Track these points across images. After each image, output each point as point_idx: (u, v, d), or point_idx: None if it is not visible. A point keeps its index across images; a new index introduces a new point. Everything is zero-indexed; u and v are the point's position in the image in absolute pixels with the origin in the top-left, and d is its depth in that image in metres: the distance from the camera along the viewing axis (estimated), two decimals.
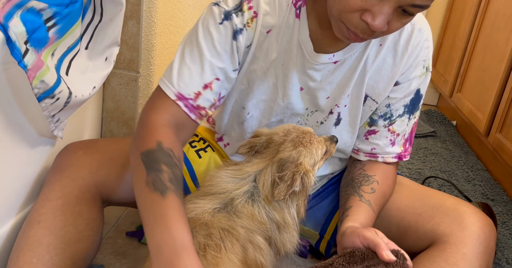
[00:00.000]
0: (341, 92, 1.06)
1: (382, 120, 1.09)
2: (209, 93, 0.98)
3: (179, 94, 0.95)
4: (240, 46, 0.99)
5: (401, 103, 1.07)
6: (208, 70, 0.97)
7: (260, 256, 0.88)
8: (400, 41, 1.01)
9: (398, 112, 1.08)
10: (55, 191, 0.98)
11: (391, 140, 1.10)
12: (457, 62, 2.33)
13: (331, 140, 1.03)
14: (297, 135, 0.96)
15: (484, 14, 2.13)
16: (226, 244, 0.83)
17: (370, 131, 1.10)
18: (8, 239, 1.03)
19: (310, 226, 1.20)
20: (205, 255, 0.81)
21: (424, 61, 1.05)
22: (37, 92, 0.90)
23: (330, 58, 1.02)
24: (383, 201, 1.05)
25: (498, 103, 1.81)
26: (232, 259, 0.83)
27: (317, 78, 1.04)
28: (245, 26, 0.99)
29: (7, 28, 0.80)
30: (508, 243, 1.42)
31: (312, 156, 0.94)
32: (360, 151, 1.12)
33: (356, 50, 1.01)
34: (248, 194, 0.91)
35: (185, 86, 0.96)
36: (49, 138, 1.12)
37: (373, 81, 1.05)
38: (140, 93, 1.38)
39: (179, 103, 0.95)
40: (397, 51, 1.02)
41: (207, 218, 0.86)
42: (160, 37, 1.41)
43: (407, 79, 1.05)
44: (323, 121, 1.10)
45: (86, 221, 0.97)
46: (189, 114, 0.97)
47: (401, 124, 1.09)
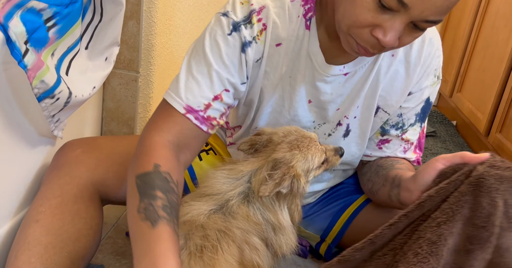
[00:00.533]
0: (351, 103, 1.04)
1: (394, 130, 1.08)
2: (218, 104, 0.95)
3: (188, 107, 0.92)
4: (249, 59, 0.96)
5: (413, 113, 1.07)
6: (216, 81, 0.94)
7: (257, 257, 0.88)
8: (412, 52, 1.00)
9: (410, 122, 1.08)
10: (53, 189, 0.97)
11: (405, 148, 1.10)
12: (457, 62, 2.33)
13: (336, 151, 1.00)
14: (296, 137, 0.94)
15: (484, 14, 2.13)
16: (222, 245, 0.83)
17: (383, 140, 1.10)
18: (7, 239, 1.03)
19: (311, 230, 1.20)
20: (202, 256, 0.81)
21: (436, 70, 1.05)
22: (37, 92, 0.90)
23: (340, 70, 1.00)
24: None
25: (498, 103, 1.81)
26: (229, 260, 0.83)
27: (327, 90, 1.02)
28: (254, 39, 0.96)
29: (7, 28, 0.80)
30: None
31: (307, 161, 0.92)
32: (373, 156, 1.12)
33: (366, 62, 1.00)
34: (242, 195, 0.91)
35: (194, 98, 0.92)
36: (49, 138, 1.12)
37: (385, 93, 1.03)
38: (140, 93, 1.38)
39: (189, 117, 0.92)
40: (410, 63, 1.01)
41: (202, 220, 0.86)
42: (160, 37, 1.41)
43: (419, 89, 1.05)
44: (331, 133, 1.09)
45: (85, 219, 0.96)
46: (201, 126, 0.93)
47: (414, 133, 1.09)
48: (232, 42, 0.94)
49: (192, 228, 0.85)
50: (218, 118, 0.96)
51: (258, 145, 0.98)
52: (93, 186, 1.01)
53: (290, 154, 0.92)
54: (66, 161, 1.03)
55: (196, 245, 0.82)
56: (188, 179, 1.17)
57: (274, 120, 1.07)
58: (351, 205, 1.16)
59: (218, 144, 1.26)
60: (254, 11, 0.95)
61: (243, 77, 0.97)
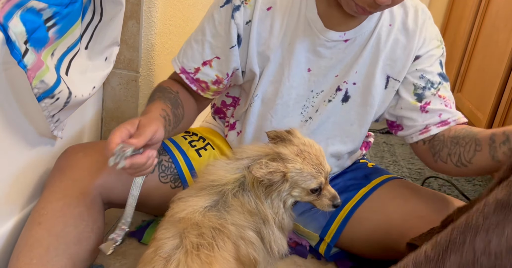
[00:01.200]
0: (349, 69, 1.10)
1: (427, 90, 1.10)
2: (208, 70, 1.12)
3: (182, 68, 1.13)
4: (238, 23, 1.07)
5: (434, 72, 1.11)
6: (207, 49, 1.10)
7: (253, 251, 0.88)
8: (409, 21, 1.09)
9: (437, 80, 1.11)
10: (56, 193, 0.98)
11: (447, 105, 1.10)
12: (457, 62, 2.33)
13: (334, 199, 0.94)
14: (310, 153, 0.91)
15: (484, 14, 2.13)
16: (218, 243, 0.84)
17: (424, 104, 1.10)
18: (8, 239, 1.03)
19: (310, 228, 1.20)
20: (199, 254, 0.81)
21: (436, 35, 1.12)
22: (37, 92, 0.90)
23: (341, 36, 1.07)
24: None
25: (498, 103, 1.81)
26: (225, 256, 0.84)
27: (328, 55, 1.08)
28: (242, 3, 1.07)
29: (7, 28, 0.80)
30: None
31: (300, 174, 0.89)
32: (429, 126, 1.09)
33: (366, 30, 1.08)
34: (239, 182, 0.90)
35: (187, 62, 1.12)
36: (49, 138, 1.12)
37: (391, 61, 1.10)
38: (140, 93, 1.38)
39: (182, 76, 1.13)
40: (408, 30, 1.09)
41: (198, 218, 0.86)
42: (160, 37, 1.41)
43: (427, 51, 1.10)
44: (331, 99, 1.12)
45: (86, 222, 0.97)
46: (190, 85, 1.13)
47: (446, 91, 1.11)
48: (224, 12, 1.08)
49: (188, 226, 0.85)
50: (209, 83, 1.13)
51: (279, 139, 0.97)
52: (95, 189, 1.02)
53: (293, 156, 0.90)
54: (68, 164, 1.03)
55: (192, 243, 0.82)
56: (189, 176, 1.17)
57: (275, 90, 1.12)
58: (348, 202, 1.17)
59: (216, 137, 1.28)
60: None
61: (233, 41, 1.08)
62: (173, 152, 1.18)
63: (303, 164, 0.90)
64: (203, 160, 1.20)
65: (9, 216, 1.04)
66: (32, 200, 1.11)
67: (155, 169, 1.14)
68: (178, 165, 1.17)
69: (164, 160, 1.16)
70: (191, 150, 1.21)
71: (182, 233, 0.84)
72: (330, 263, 1.23)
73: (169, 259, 0.81)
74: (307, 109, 1.14)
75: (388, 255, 1.13)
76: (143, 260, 0.86)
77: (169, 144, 1.20)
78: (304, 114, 1.15)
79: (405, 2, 1.10)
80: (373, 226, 1.11)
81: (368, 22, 1.07)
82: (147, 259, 0.84)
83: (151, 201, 1.15)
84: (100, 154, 1.07)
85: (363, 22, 1.07)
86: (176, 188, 1.16)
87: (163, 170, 1.15)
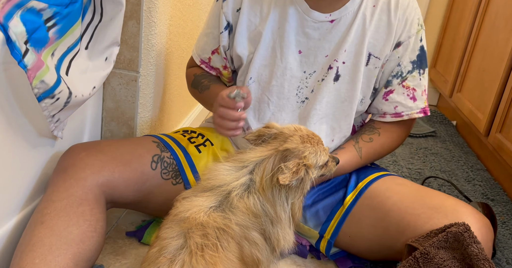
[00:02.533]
0: (338, 48, 1.15)
1: (395, 79, 1.18)
2: (217, 57, 1.26)
3: (201, 60, 1.30)
4: (227, 10, 1.18)
5: (407, 60, 1.17)
6: (211, 39, 1.25)
7: (256, 251, 0.89)
8: (391, 2, 1.15)
9: (408, 69, 1.17)
10: (59, 192, 0.98)
11: (409, 95, 1.18)
12: (457, 62, 2.33)
13: (333, 158, 1.04)
14: (307, 133, 0.97)
15: (484, 14, 2.13)
16: (222, 243, 0.84)
17: (387, 92, 1.19)
18: (10, 239, 1.03)
19: (310, 225, 1.21)
20: (203, 255, 0.81)
21: (418, 20, 1.17)
22: (37, 92, 0.90)
23: (326, 17, 1.14)
24: (379, 150, 1.20)
25: (498, 103, 1.81)
26: (230, 257, 0.84)
27: (316, 36, 1.15)
28: None
29: (7, 28, 0.80)
30: (508, 243, 1.42)
31: (316, 156, 0.95)
32: (386, 113, 1.21)
33: (350, 10, 1.14)
34: (245, 186, 0.91)
35: (202, 53, 1.29)
36: (49, 138, 1.12)
37: (373, 40, 1.15)
38: (140, 93, 1.38)
39: (202, 66, 1.30)
40: (390, 11, 1.15)
41: (202, 218, 0.86)
42: (160, 37, 1.41)
43: (408, 37, 1.16)
44: (324, 78, 1.17)
45: (89, 221, 0.97)
46: (210, 71, 1.31)
47: (413, 79, 1.18)
48: (219, 4, 1.20)
49: (192, 226, 0.85)
50: (221, 69, 1.29)
51: (265, 137, 0.99)
52: (98, 188, 1.02)
53: (303, 145, 0.94)
54: (71, 163, 1.04)
55: (197, 244, 0.82)
56: (189, 172, 1.17)
57: (269, 72, 1.19)
58: (347, 197, 1.17)
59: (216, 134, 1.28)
60: None
61: (221, 27, 1.20)
62: (174, 148, 1.19)
63: (313, 145, 0.95)
64: (202, 155, 1.21)
65: (10, 215, 1.04)
66: (32, 200, 1.11)
67: (158, 166, 1.15)
68: (179, 161, 1.17)
69: (166, 156, 1.17)
70: (190, 145, 1.22)
71: (187, 233, 0.84)
72: (330, 263, 1.23)
73: (173, 259, 0.81)
74: (301, 90, 1.19)
75: (386, 255, 1.13)
76: (147, 259, 0.86)
77: (169, 141, 1.20)
78: (299, 96, 1.19)
79: None
80: (372, 223, 1.11)
81: (352, 3, 1.13)
82: (151, 259, 0.84)
83: (153, 198, 1.15)
84: (102, 153, 1.07)
85: (347, 3, 1.13)
86: (177, 184, 1.16)
87: (165, 166, 1.16)
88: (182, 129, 1.31)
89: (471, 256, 0.90)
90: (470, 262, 0.91)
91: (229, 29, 1.21)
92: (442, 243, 0.94)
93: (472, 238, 0.93)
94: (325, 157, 0.98)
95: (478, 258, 0.89)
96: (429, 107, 1.22)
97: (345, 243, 1.19)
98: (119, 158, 1.08)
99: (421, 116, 1.20)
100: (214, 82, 1.27)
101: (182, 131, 1.29)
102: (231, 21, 1.20)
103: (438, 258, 0.92)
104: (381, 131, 1.21)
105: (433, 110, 2.57)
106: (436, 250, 0.93)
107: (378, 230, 1.10)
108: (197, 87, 1.30)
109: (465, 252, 0.92)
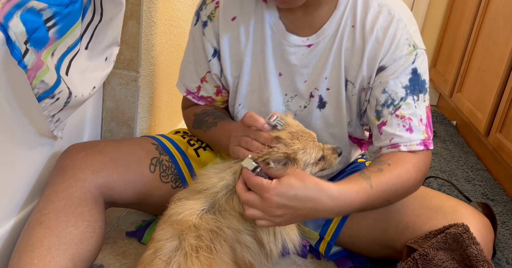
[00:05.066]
0: (318, 75, 1.07)
1: (386, 108, 1.02)
2: (206, 85, 1.18)
3: (187, 90, 1.21)
4: (209, 38, 1.12)
5: (398, 85, 1.01)
6: (198, 67, 1.16)
7: (248, 255, 0.88)
8: (366, 22, 1.01)
9: (400, 95, 1.01)
10: (58, 192, 0.98)
11: (404, 126, 1.01)
12: (457, 62, 2.33)
13: (334, 150, 0.99)
14: (297, 131, 0.93)
15: (484, 14, 2.13)
16: (216, 245, 0.84)
17: (380, 124, 1.03)
18: (8, 239, 1.03)
19: (310, 227, 1.20)
20: (198, 256, 0.81)
21: (407, 40, 1.01)
22: (37, 92, 0.90)
23: (303, 41, 1.05)
24: (395, 182, 0.95)
25: (498, 103, 1.81)
26: (224, 259, 0.84)
27: (293, 61, 1.07)
28: (209, 17, 1.11)
29: (7, 28, 0.80)
30: (508, 243, 1.42)
31: (305, 153, 0.91)
32: (381, 148, 1.04)
33: (328, 33, 1.04)
34: (229, 187, 0.90)
35: (189, 83, 1.20)
36: (49, 138, 1.12)
37: (348, 63, 1.05)
38: (140, 93, 1.38)
39: (189, 97, 1.21)
40: (365, 32, 1.02)
41: (195, 220, 0.86)
42: (160, 37, 1.41)
43: (393, 60, 1.01)
44: (306, 105, 1.11)
45: (88, 222, 0.97)
46: (198, 102, 1.21)
47: (408, 107, 1.01)
48: (198, 29, 1.13)
49: (185, 228, 0.85)
50: (213, 97, 1.20)
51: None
52: (97, 189, 1.02)
53: (292, 141, 0.90)
54: (70, 164, 1.03)
55: (191, 246, 0.82)
56: (188, 176, 1.17)
57: (257, 98, 1.13)
58: None
59: None
60: None
61: (209, 55, 1.13)
62: (172, 152, 1.18)
63: (301, 143, 0.91)
64: (202, 159, 1.20)
65: (9, 216, 1.04)
66: (32, 200, 1.11)
67: (156, 169, 1.14)
68: (178, 165, 1.17)
69: (164, 159, 1.16)
70: (190, 148, 1.21)
71: (181, 234, 0.84)
72: (330, 263, 1.23)
73: (169, 261, 0.81)
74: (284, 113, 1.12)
75: (386, 253, 1.13)
76: (142, 262, 0.86)
77: (168, 144, 1.20)
78: None
79: (370, 0, 1.02)
80: (371, 224, 1.11)
81: (329, 25, 1.03)
82: (146, 261, 0.84)
83: (153, 200, 1.15)
84: (101, 153, 1.07)
85: (324, 25, 1.03)
86: (177, 188, 1.16)
87: (164, 169, 1.15)
88: (183, 130, 1.30)
89: (470, 257, 0.90)
90: (469, 263, 0.91)
91: (217, 55, 1.14)
92: (441, 244, 0.94)
93: (471, 239, 0.93)
94: (317, 153, 0.93)
95: (478, 260, 0.89)
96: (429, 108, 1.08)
97: (345, 243, 1.19)
98: (118, 159, 1.08)
99: (422, 149, 1.01)
100: (220, 118, 1.15)
101: (183, 133, 1.28)
102: (217, 47, 1.12)
103: (437, 259, 0.92)
104: (391, 162, 0.98)
105: (433, 110, 2.57)
106: (435, 251, 0.93)
107: (378, 231, 1.10)
108: (200, 127, 1.17)
109: (464, 253, 0.92)
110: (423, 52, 1.03)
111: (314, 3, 1.01)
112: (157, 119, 1.55)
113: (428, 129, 1.03)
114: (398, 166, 0.97)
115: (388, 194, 0.95)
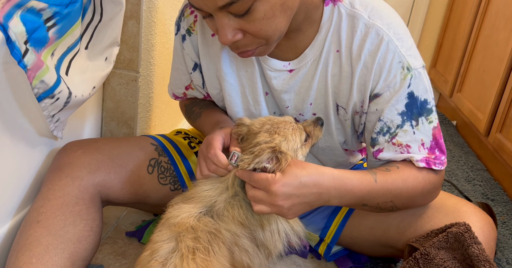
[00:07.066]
0: (302, 101, 1.03)
1: (381, 136, 0.97)
2: (192, 92, 1.21)
3: (174, 95, 1.25)
4: (189, 52, 1.11)
5: (394, 113, 0.95)
6: (182, 75, 1.18)
7: (247, 258, 0.88)
8: (353, 46, 0.94)
9: (396, 123, 0.95)
10: (55, 191, 0.98)
11: (402, 153, 0.96)
12: (457, 62, 2.33)
13: (315, 123, 0.98)
14: (271, 125, 0.93)
15: (484, 14, 2.13)
16: (213, 247, 0.84)
17: (376, 151, 0.99)
18: (7, 239, 1.03)
19: (310, 230, 1.20)
20: (195, 258, 0.81)
21: (400, 63, 0.93)
22: (37, 92, 0.90)
23: (285, 66, 1.00)
24: (400, 185, 0.93)
25: (498, 103, 1.81)
26: (221, 261, 0.84)
27: (275, 86, 1.03)
28: (188, 30, 1.09)
29: (7, 28, 0.80)
30: (508, 243, 1.42)
31: (289, 141, 0.91)
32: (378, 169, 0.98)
33: (310, 58, 0.98)
34: (228, 199, 0.90)
35: (175, 89, 1.23)
36: (49, 138, 1.12)
37: (337, 89, 0.99)
38: (140, 93, 1.38)
39: (178, 100, 1.27)
40: (352, 57, 0.95)
41: (192, 222, 0.86)
42: (160, 37, 1.41)
43: (387, 87, 0.94)
44: None
45: (86, 221, 0.97)
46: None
47: (405, 134, 0.95)
48: (178, 40, 1.12)
49: (183, 230, 0.85)
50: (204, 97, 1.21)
51: (242, 135, 0.97)
52: (94, 188, 1.02)
53: (271, 138, 0.90)
54: (67, 162, 1.03)
55: (188, 247, 0.82)
56: (187, 178, 1.17)
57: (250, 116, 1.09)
58: None
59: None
60: (187, 5, 1.09)
61: (188, 68, 1.14)
62: (172, 154, 1.18)
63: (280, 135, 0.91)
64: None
65: (7, 215, 1.04)
66: (31, 200, 1.11)
67: (154, 170, 1.14)
68: (177, 167, 1.17)
69: (163, 161, 1.16)
70: (190, 151, 1.21)
71: (178, 236, 0.84)
72: (330, 263, 1.23)
73: (165, 263, 0.81)
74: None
75: (387, 252, 1.13)
76: (139, 263, 0.85)
77: (168, 145, 1.19)
78: None
79: (356, 21, 0.94)
80: (371, 225, 1.11)
81: (310, 50, 0.97)
82: (143, 262, 0.84)
83: (150, 201, 1.15)
84: (99, 151, 1.07)
85: (306, 50, 0.98)
86: (175, 190, 1.16)
87: (162, 171, 1.15)
88: (184, 131, 1.30)
89: (471, 257, 0.90)
90: (470, 262, 0.90)
91: (198, 68, 1.13)
92: (443, 243, 0.94)
93: (473, 238, 0.93)
94: (300, 136, 0.93)
95: (479, 259, 0.89)
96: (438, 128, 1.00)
97: (346, 243, 1.19)
98: (116, 159, 1.07)
99: (423, 166, 0.95)
100: (205, 108, 1.17)
101: (184, 134, 1.28)
102: (198, 61, 1.11)
103: (439, 258, 0.92)
104: (400, 165, 0.95)
105: None
106: (436, 251, 0.93)
107: (379, 231, 1.10)
108: (190, 117, 1.22)
109: (465, 253, 0.92)
110: (420, 72, 0.94)
111: (293, 29, 0.95)
112: (157, 119, 1.55)
113: (434, 151, 0.97)
114: (406, 170, 0.95)
115: (392, 194, 0.93)
